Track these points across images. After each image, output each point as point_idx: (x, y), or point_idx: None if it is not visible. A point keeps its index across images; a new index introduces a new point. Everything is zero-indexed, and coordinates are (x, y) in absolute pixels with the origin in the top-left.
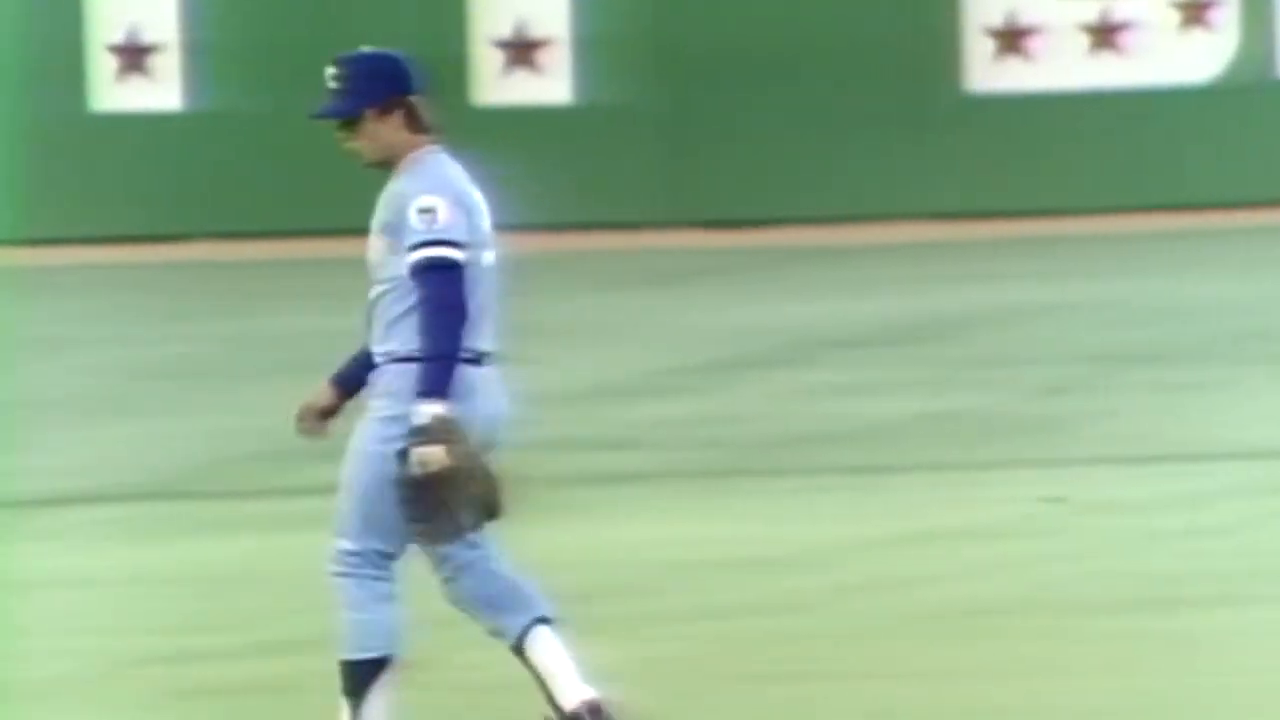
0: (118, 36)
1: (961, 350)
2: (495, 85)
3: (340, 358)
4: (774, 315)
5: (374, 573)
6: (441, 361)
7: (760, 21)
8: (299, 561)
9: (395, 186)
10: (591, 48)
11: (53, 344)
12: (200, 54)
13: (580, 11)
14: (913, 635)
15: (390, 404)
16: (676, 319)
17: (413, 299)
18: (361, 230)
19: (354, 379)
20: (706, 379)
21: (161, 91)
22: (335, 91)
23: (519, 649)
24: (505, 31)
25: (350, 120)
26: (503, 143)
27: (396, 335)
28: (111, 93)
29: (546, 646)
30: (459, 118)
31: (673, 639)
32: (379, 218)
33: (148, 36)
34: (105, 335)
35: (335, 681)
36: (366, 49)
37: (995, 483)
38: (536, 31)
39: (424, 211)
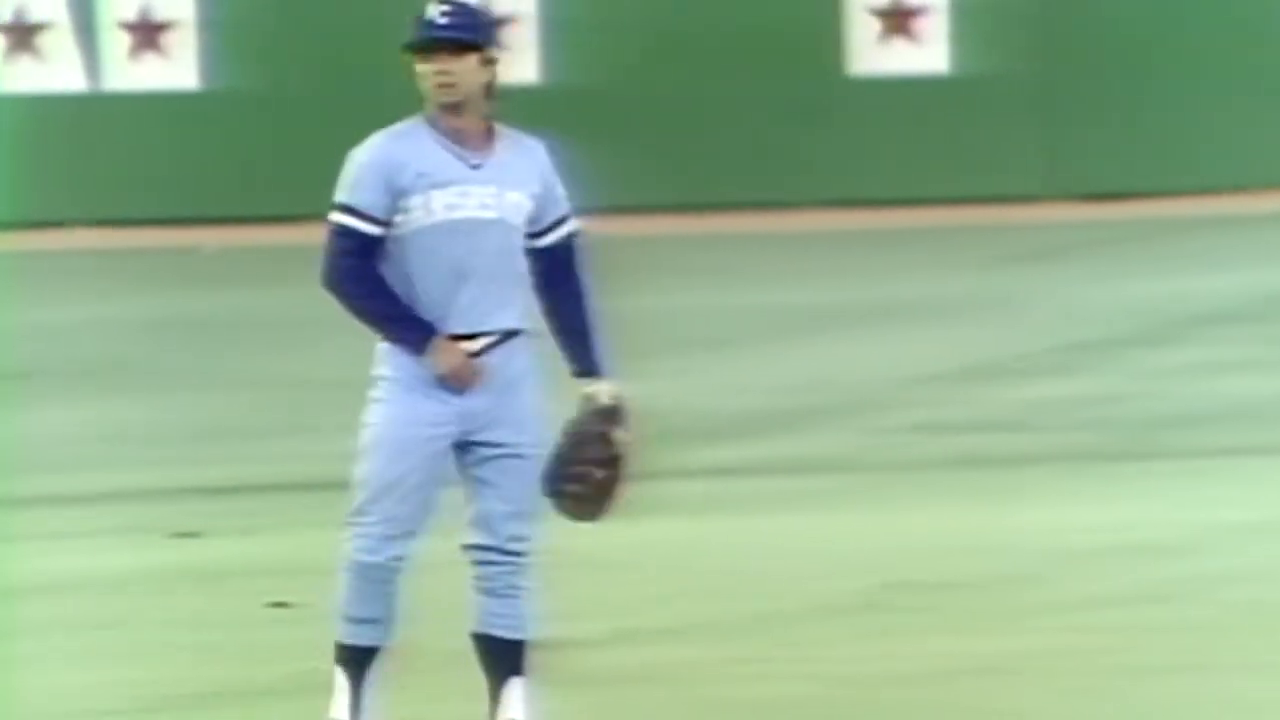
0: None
1: None
2: (870, 55)
3: None
4: (1147, 290)
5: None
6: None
7: None
8: (667, 547)
9: (525, 152)
10: (969, 16)
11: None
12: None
13: None
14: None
15: (536, 378)
16: (1050, 296)
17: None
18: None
19: None
20: (1081, 358)
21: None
22: (448, 25)
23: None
24: None
25: (458, 49)
26: (876, 114)
27: (518, 304)
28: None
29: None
30: (831, 87)
31: (1062, 630)
32: (524, 179)
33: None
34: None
35: (696, 672)
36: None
37: None
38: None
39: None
